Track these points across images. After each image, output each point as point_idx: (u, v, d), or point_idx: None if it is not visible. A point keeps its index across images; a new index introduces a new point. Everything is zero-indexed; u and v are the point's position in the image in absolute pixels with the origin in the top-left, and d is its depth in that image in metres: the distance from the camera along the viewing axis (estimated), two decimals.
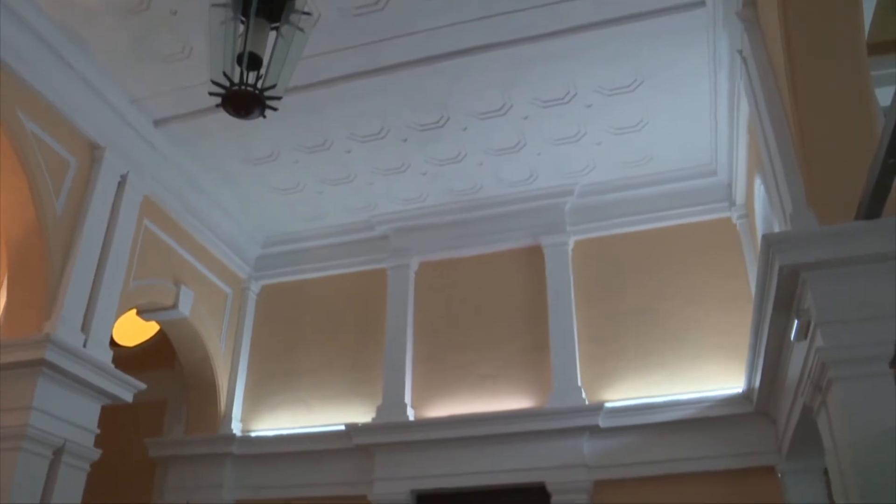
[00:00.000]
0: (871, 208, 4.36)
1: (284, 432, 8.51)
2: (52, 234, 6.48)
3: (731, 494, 6.98)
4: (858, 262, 4.57)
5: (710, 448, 7.12)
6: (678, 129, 7.59)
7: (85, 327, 6.58)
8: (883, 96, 5.10)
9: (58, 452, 6.18)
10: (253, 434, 8.62)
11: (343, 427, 8.12)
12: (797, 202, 4.96)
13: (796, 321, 4.90)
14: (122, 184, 7.27)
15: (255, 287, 9.42)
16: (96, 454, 6.56)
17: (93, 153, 7.02)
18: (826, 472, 6.19)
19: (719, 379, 7.35)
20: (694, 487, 7.10)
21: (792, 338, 5.11)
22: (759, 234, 6.27)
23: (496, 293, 8.52)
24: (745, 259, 7.74)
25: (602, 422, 7.39)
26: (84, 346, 6.47)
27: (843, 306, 4.56)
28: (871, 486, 4.19)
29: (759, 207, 6.91)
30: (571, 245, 8.40)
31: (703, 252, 7.98)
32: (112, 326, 6.99)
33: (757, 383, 6.53)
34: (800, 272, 4.69)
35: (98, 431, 6.63)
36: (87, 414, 6.53)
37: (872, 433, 4.26)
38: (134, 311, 8.08)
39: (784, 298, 5.02)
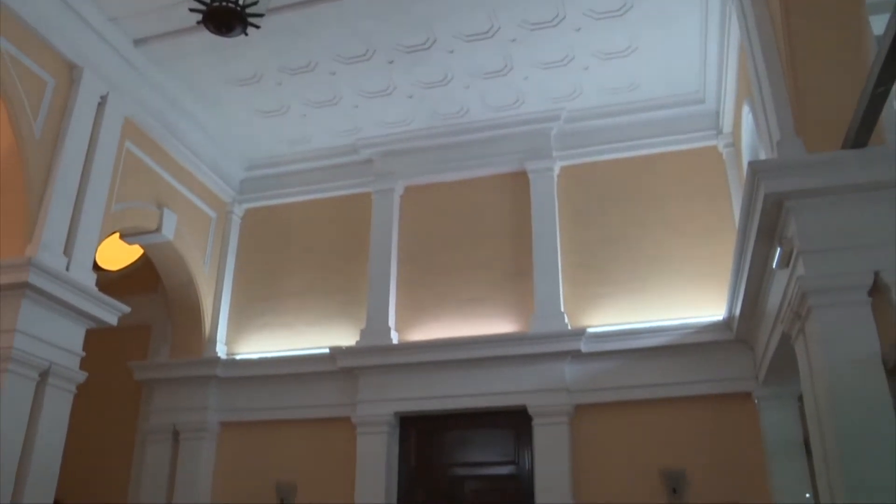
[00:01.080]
0: (859, 137, 4.36)
1: (269, 355, 8.58)
2: (30, 156, 6.37)
3: (709, 419, 7.15)
4: (843, 192, 4.60)
5: (689, 374, 7.25)
6: (667, 56, 7.49)
7: (67, 251, 6.54)
8: (877, 24, 5.02)
9: (44, 375, 6.22)
10: (237, 357, 8.69)
11: (327, 350, 8.19)
12: (785, 130, 4.94)
13: (779, 249, 4.94)
14: (101, 105, 7.12)
15: (238, 211, 9.36)
16: (82, 377, 6.60)
17: (71, 73, 6.86)
18: (800, 398, 6.34)
19: (700, 306, 7.44)
20: (673, 412, 7.26)
21: (774, 266, 5.16)
22: (746, 162, 6.26)
23: (481, 218, 8.52)
24: (730, 188, 7.75)
25: (584, 347, 7.48)
26: (67, 269, 6.44)
27: (826, 235, 4.60)
28: (843, 413, 4.30)
29: (747, 136, 6.89)
30: (557, 171, 8.37)
31: (688, 180, 7.98)
32: (95, 250, 6.94)
33: (737, 311, 6.62)
34: (784, 200, 4.71)
35: (83, 354, 6.65)
36: (72, 337, 6.55)
37: (848, 360, 4.35)
38: (117, 235, 8.02)
39: (767, 226, 5.05)
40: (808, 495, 6.48)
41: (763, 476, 6.79)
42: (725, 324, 7.17)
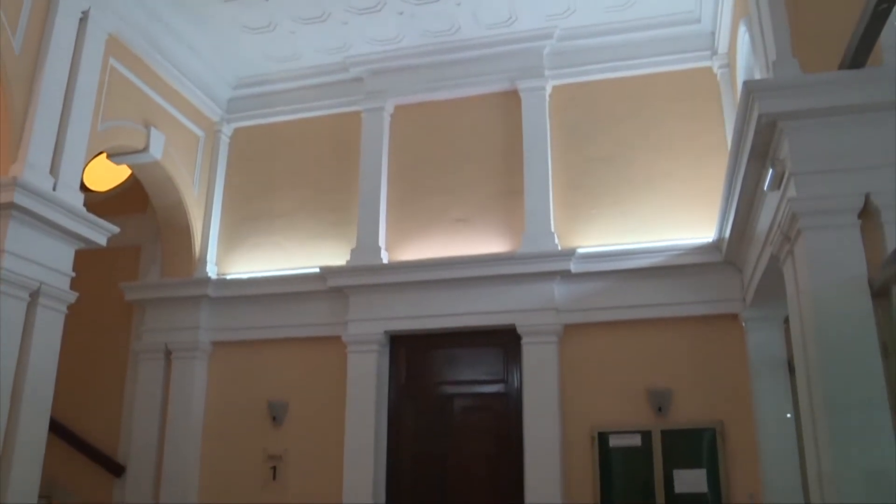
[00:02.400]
0: (857, 57, 4.30)
1: (259, 275, 8.60)
2: (11, 74, 6.21)
3: (696, 340, 7.26)
4: (839, 113, 4.57)
5: (677, 295, 7.32)
6: None
7: (53, 170, 6.46)
8: None
9: (34, 295, 6.23)
10: (228, 277, 8.71)
11: (318, 270, 8.21)
12: (781, 50, 4.88)
13: (771, 171, 4.93)
14: (83, 20, 6.91)
15: (227, 130, 9.24)
16: (73, 297, 6.61)
17: None
18: (786, 320, 6.42)
19: (690, 228, 7.45)
20: (660, 332, 7.35)
21: (765, 188, 5.16)
22: (740, 83, 6.18)
23: (472, 137, 8.44)
24: (724, 110, 7.67)
25: (573, 267, 7.52)
26: (54, 189, 6.37)
27: (819, 157, 4.59)
28: (827, 334, 4.37)
29: (742, 57, 6.79)
30: (549, 90, 8.26)
31: (681, 101, 7.89)
32: (82, 169, 6.86)
33: (727, 233, 6.65)
34: (778, 121, 4.67)
35: (73, 275, 6.65)
36: (62, 257, 6.52)
37: (835, 282, 4.39)
38: (104, 155, 7.93)
39: (760, 147, 5.02)
40: (789, 415, 6.63)
41: (747, 396, 6.93)
42: (714, 246, 7.20)
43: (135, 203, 9.24)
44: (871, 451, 4.08)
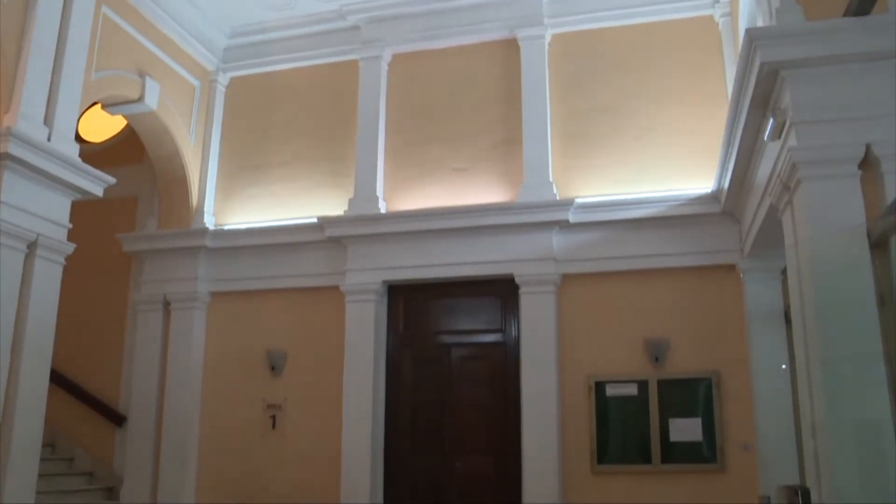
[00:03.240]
0: (862, 4, 4.23)
1: (257, 225, 8.59)
2: (1, 23, 6.12)
3: (694, 290, 7.28)
4: (842, 61, 4.51)
5: (675, 245, 7.32)
6: None
7: (47, 120, 6.39)
8: None
9: (32, 247, 6.23)
10: (226, 227, 8.69)
11: (315, 220, 8.20)
12: None
13: (771, 120, 4.88)
14: None
15: (223, 79, 9.13)
16: (70, 248, 6.61)
17: None
18: (783, 271, 6.44)
19: (689, 179, 7.42)
20: (658, 283, 7.37)
21: (765, 138, 5.11)
22: (742, 32, 6.09)
23: (470, 86, 8.35)
24: (725, 59, 7.57)
25: (572, 217, 7.51)
26: (48, 139, 6.31)
27: (820, 106, 4.54)
28: (825, 284, 4.37)
29: (744, 5, 6.68)
30: (548, 39, 8.14)
31: (682, 51, 7.78)
32: (76, 120, 6.80)
33: (726, 183, 6.62)
34: (780, 70, 4.61)
35: (70, 226, 6.63)
36: (58, 208, 6.51)
37: (833, 232, 4.38)
38: (99, 105, 7.85)
39: (761, 97, 4.97)
40: (784, 366, 6.68)
41: (743, 346, 6.97)
42: (713, 196, 7.18)
43: (131, 154, 9.17)
44: (864, 403, 4.11)
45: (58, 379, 8.32)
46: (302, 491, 7.87)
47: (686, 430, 7.04)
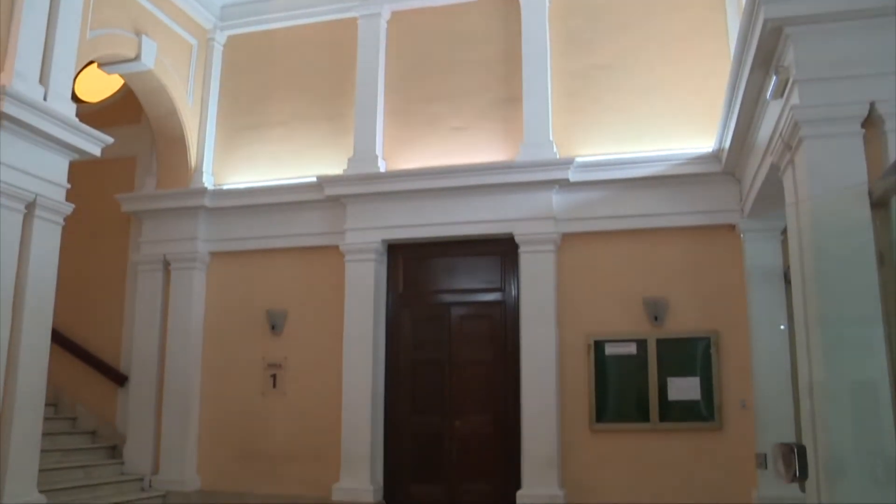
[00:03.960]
0: None
1: (256, 185, 8.56)
2: None
3: (693, 250, 7.28)
4: (847, 18, 4.44)
5: (675, 205, 7.30)
6: None
7: (43, 80, 6.33)
8: None
9: (30, 207, 6.22)
10: (225, 187, 8.66)
11: (315, 179, 8.16)
12: None
13: (774, 78, 4.83)
14: None
15: (220, 38, 9.02)
16: (69, 208, 6.59)
17: None
18: (783, 231, 6.42)
19: (690, 138, 7.37)
20: (658, 242, 7.37)
21: (768, 96, 5.06)
22: None
23: (470, 44, 8.25)
24: (728, 16, 7.46)
25: (572, 176, 7.48)
26: (44, 99, 6.26)
27: (824, 64, 4.49)
28: (825, 243, 4.35)
29: None
30: None
31: (684, 9, 7.68)
32: (72, 79, 6.73)
33: (727, 143, 6.57)
34: (784, 26, 4.54)
35: (69, 186, 6.61)
36: (56, 169, 6.48)
37: (834, 191, 4.35)
38: (95, 65, 7.76)
39: (765, 54, 4.91)
40: (783, 326, 6.70)
41: (742, 306, 6.99)
42: (714, 156, 7.14)
43: (128, 114, 9.11)
44: (861, 364, 4.12)
45: (59, 339, 8.38)
46: (303, 448, 7.97)
47: (684, 388, 7.09)
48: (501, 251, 7.84)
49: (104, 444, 8.44)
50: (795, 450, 4.16)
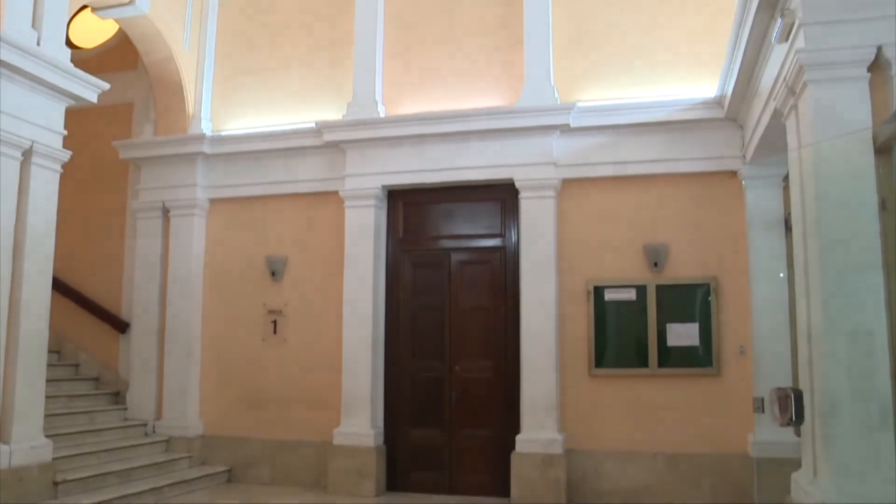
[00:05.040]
0: None
1: (255, 131, 8.49)
2: None
3: (694, 197, 7.25)
4: None
5: (677, 151, 7.25)
6: None
7: (36, 24, 6.24)
8: None
9: (27, 154, 6.19)
10: (223, 133, 8.59)
11: (314, 124, 8.09)
12: None
13: (780, 21, 4.75)
14: None
15: None
16: (66, 155, 6.56)
17: None
18: (785, 178, 6.39)
19: (693, 83, 7.27)
20: (658, 189, 7.34)
21: (773, 40, 4.99)
22: None
23: None
24: None
25: (573, 121, 7.41)
26: (38, 44, 6.17)
27: (830, 7, 4.41)
28: (827, 190, 4.33)
29: None
30: None
31: None
32: (65, 23, 6.62)
33: (730, 88, 6.49)
34: None
35: (65, 133, 6.57)
36: (52, 115, 6.43)
37: (838, 136, 4.31)
38: (89, 9, 7.63)
39: None
40: (782, 274, 6.71)
41: (743, 253, 6.99)
42: (716, 101, 7.06)
43: (125, 59, 9.01)
44: (860, 312, 4.14)
45: (61, 287, 8.42)
46: (304, 394, 8.05)
47: (683, 334, 7.13)
48: (502, 197, 7.81)
49: (107, 391, 8.54)
50: (792, 394, 4.21)
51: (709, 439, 6.98)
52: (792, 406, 4.52)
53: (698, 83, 7.24)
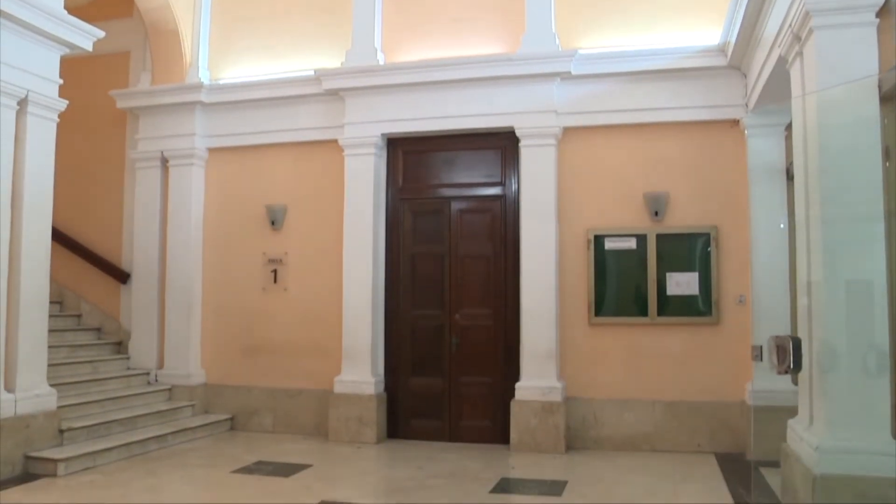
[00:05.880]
0: None
1: (253, 79, 8.40)
2: None
3: (696, 145, 7.21)
4: None
5: (679, 99, 7.19)
6: None
7: None
8: None
9: (22, 103, 6.14)
10: (221, 82, 8.51)
11: (313, 72, 8.01)
12: None
13: None
14: None
15: None
16: (63, 104, 6.50)
17: None
18: (787, 127, 6.33)
19: (696, 30, 7.17)
20: (660, 137, 7.29)
21: None
22: None
23: None
24: None
25: (574, 68, 7.33)
26: None
27: None
28: (831, 138, 4.31)
29: None
30: None
31: None
32: None
33: (734, 35, 6.40)
34: None
35: (61, 82, 6.49)
36: (47, 64, 6.35)
37: (843, 83, 4.27)
38: None
39: None
40: (782, 224, 6.69)
41: (744, 202, 6.96)
42: (720, 49, 6.98)
43: (120, 7, 8.83)
44: (860, 262, 4.14)
45: (61, 238, 8.42)
46: (304, 342, 8.11)
47: (683, 283, 7.15)
48: (502, 145, 7.76)
49: (110, 341, 8.59)
50: (790, 342, 4.22)
51: (707, 387, 7.05)
52: (790, 354, 4.55)
53: (701, 30, 7.14)
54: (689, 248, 7.17)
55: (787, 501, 4.71)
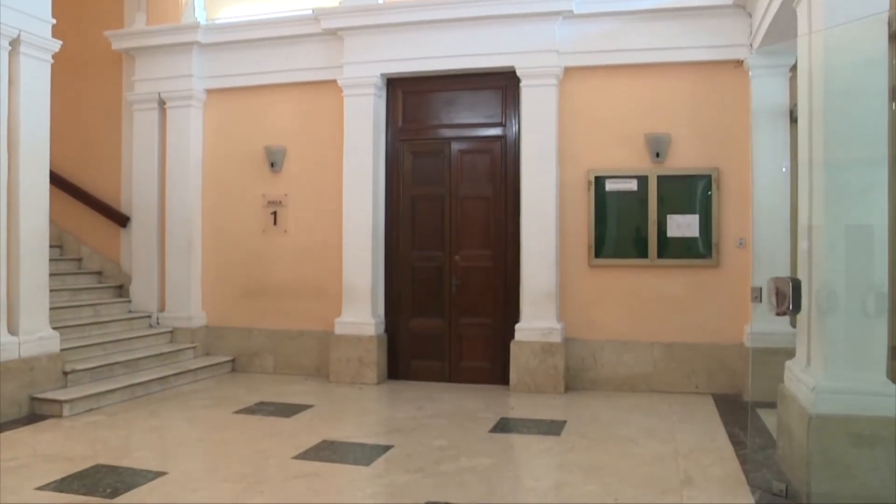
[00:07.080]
0: None
1: (251, 18, 8.26)
2: None
3: (698, 86, 7.13)
4: None
5: (682, 39, 7.07)
6: None
7: None
8: None
9: (14, 44, 6.05)
10: (218, 21, 8.37)
11: (311, 11, 7.87)
12: None
13: None
14: None
15: None
16: (56, 45, 6.40)
17: None
18: (792, 69, 6.24)
19: None
20: (662, 77, 7.19)
21: None
22: None
23: None
24: None
25: (576, 6, 7.20)
26: None
27: None
28: (836, 78, 4.23)
29: None
30: None
31: None
32: None
33: None
34: None
35: (54, 21, 6.40)
36: (39, 2, 6.25)
37: (851, 21, 4.17)
38: None
39: None
40: (785, 168, 6.63)
41: (746, 145, 6.90)
42: None
43: None
44: (861, 207, 4.11)
45: (60, 182, 8.40)
46: (305, 284, 8.14)
47: (683, 225, 7.13)
48: (502, 85, 7.67)
49: (111, 284, 8.61)
50: (790, 284, 4.23)
51: (705, 329, 7.09)
52: (789, 296, 4.55)
53: None
54: (690, 190, 7.14)
55: (783, 441, 4.77)
